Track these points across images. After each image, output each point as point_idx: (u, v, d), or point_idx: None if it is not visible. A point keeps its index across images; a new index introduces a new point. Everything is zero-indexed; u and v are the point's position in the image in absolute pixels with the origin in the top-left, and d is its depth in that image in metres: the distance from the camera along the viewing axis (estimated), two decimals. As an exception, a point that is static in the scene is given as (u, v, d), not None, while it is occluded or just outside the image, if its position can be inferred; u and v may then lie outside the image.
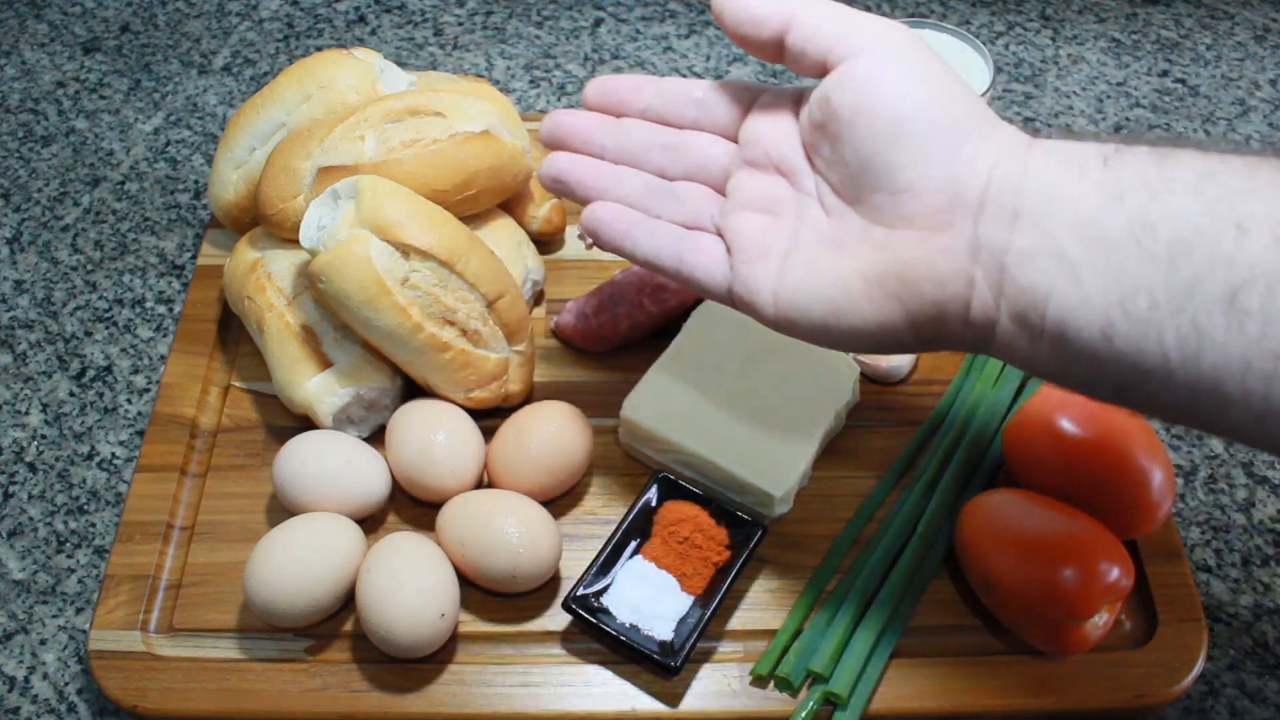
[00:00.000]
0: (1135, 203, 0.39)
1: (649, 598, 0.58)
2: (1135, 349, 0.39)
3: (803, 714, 0.55)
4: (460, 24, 0.99)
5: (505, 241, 0.70)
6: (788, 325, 0.47)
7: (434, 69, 0.95)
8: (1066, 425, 0.59)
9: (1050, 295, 0.40)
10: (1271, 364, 0.36)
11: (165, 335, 0.75)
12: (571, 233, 0.78)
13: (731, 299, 0.49)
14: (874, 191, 0.44)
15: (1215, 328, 0.37)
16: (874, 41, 0.44)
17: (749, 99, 0.50)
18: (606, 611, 0.57)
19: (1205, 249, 0.37)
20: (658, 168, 0.51)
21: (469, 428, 0.63)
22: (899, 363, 0.68)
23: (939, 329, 0.44)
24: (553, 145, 0.53)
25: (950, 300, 0.42)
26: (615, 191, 0.52)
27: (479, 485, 0.63)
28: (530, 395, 0.68)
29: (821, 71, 0.45)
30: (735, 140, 0.50)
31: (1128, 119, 0.91)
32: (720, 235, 0.49)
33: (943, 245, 0.42)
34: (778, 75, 0.94)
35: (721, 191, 0.50)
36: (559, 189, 0.53)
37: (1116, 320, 0.39)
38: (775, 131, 0.48)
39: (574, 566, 0.60)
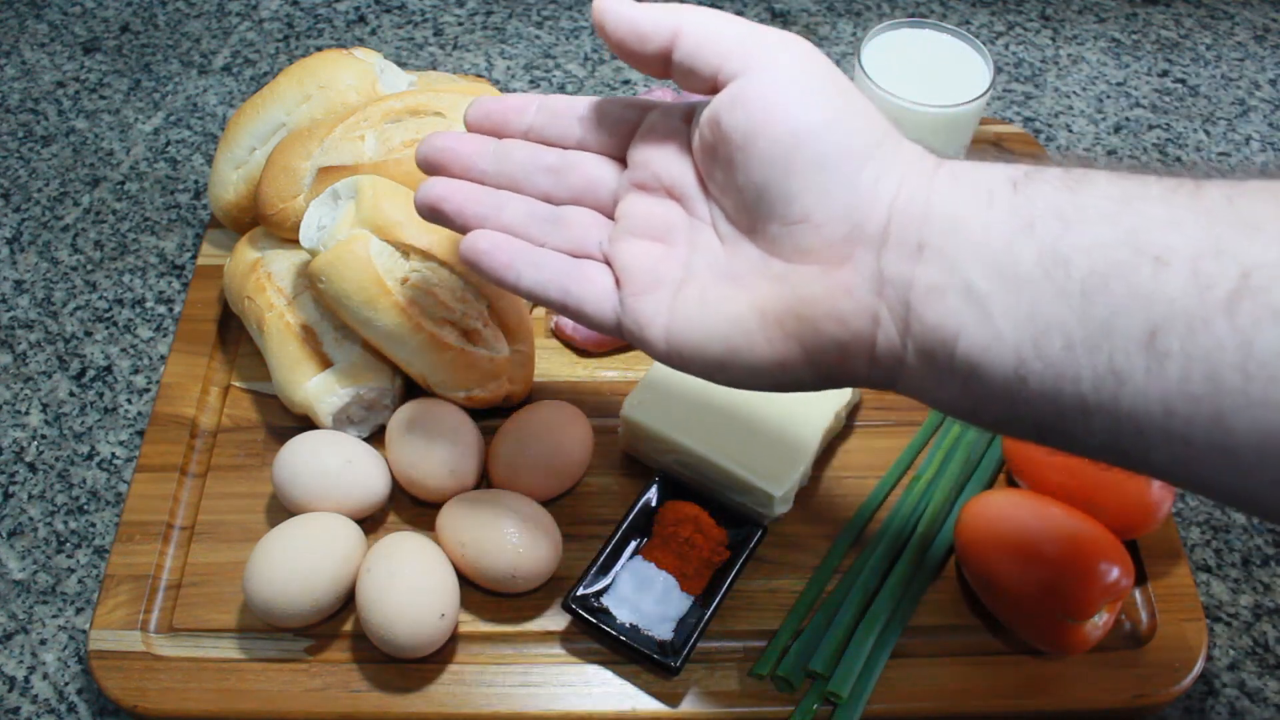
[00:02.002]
0: (1046, 233, 0.35)
1: (649, 598, 0.58)
2: (1051, 390, 0.36)
3: (803, 714, 0.55)
4: (460, 24, 0.99)
5: (505, 241, 0.70)
6: (680, 363, 0.43)
7: (434, 69, 0.95)
8: (1066, 425, 0.59)
9: (959, 334, 0.37)
10: (1192, 407, 0.33)
11: (165, 335, 0.75)
12: (571, 233, 0.78)
13: (621, 332, 0.45)
14: (769, 221, 0.41)
15: (1134, 369, 0.34)
16: (768, 57, 0.40)
17: (637, 116, 0.46)
18: (606, 611, 0.57)
19: (1122, 284, 0.34)
20: (543, 192, 0.48)
21: (469, 428, 0.63)
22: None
23: (842, 368, 0.41)
24: (430, 171, 0.49)
25: (853, 339, 0.39)
26: (496, 219, 0.47)
27: (479, 485, 0.63)
28: (530, 395, 0.68)
29: (713, 90, 0.42)
30: (624, 162, 0.47)
31: (1128, 119, 0.91)
32: (609, 264, 0.46)
33: (843, 281, 0.39)
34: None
35: (611, 216, 0.47)
36: (436, 218, 0.48)
37: (1029, 360, 0.36)
38: (665, 153, 0.45)
39: (574, 566, 0.60)
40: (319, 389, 0.63)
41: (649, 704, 0.56)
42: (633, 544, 0.60)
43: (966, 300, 0.37)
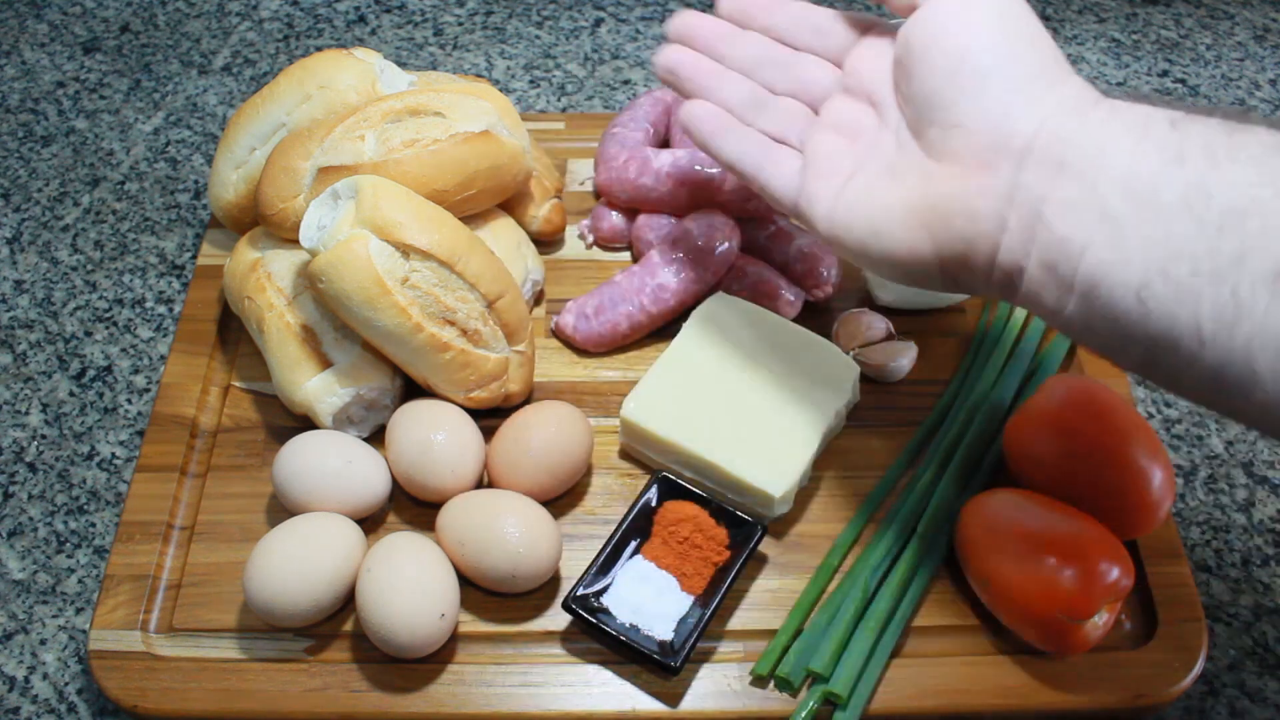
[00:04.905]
0: (1194, 168, 0.38)
1: (649, 598, 0.58)
2: (1168, 314, 0.38)
3: (803, 714, 0.55)
4: (460, 24, 0.99)
5: (505, 241, 0.70)
6: (833, 240, 0.50)
7: (434, 69, 0.95)
8: (1066, 425, 0.59)
9: (1086, 248, 0.40)
10: None
11: (165, 335, 0.75)
12: (571, 233, 0.78)
13: (796, 209, 0.52)
14: (931, 125, 0.46)
15: (1257, 301, 0.36)
16: None
17: (861, 32, 0.53)
18: (606, 611, 0.57)
19: (1259, 221, 0.36)
20: (766, 81, 0.55)
21: (469, 428, 0.63)
22: (899, 363, 0.68)
23: (965, 266, 0.45)
24: (677, 40, 0.58)
25: (978, 237, 0.43)
26: (718, 94, 0.56)
27: (479, 485, 0.63)
28: (530, 395, 0.68)
29: (909, 10, 0.48)
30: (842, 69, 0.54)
31: (1128, 119, 0.91)
32: (801, 153, 0.53)
33: (979, 184, 0.43)
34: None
35: (817, 112, 0.54)
36: (669, 79, 0.57)
37: (1154, 282, 0.38)
38: (874, 65, 0.51)
39: (574, 566, 0.60)
40: (319, 389, 0.63)
41: (649, 704, 0.56)
42: (633, 544, 0.60)
43: (1100, 218, 0.40)
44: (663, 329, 0.71)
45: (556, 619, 0.60)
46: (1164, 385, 0.42)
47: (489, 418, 0.65)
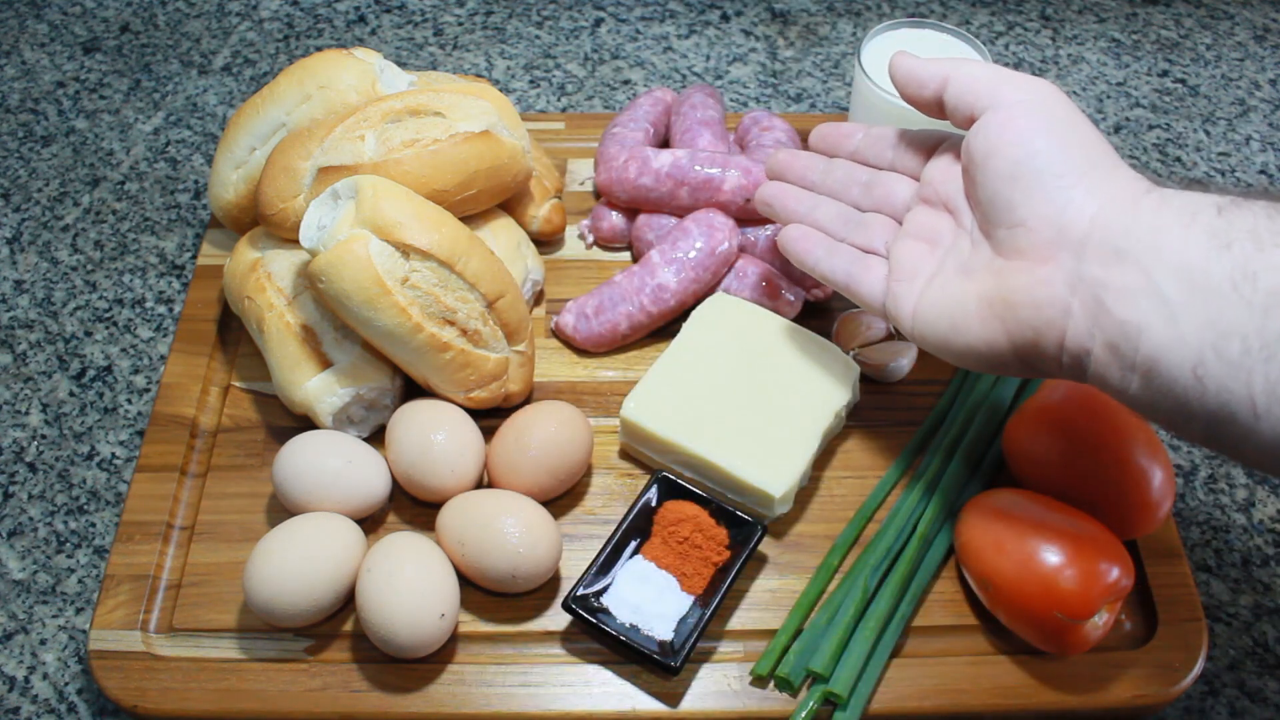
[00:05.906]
0: (1241, 252, 0.41)
1: (649, 598, 0.58)
2: (1224, 390, 0.41)
3: (803, 714, 0.55)
4: (460, 24, 0.99)
5: (505, 241, 0.70)
6: (919, 338, 0.54)
7: (434, 69, 0.95)
8: (1066, 425, 0.59)
9: (1144, 330, 0.43)
10: None
11: (165, 335, 0.75)
12: (571, 233, 0.78)
13: (884, 311, 0.56)
14: (998, 226, 0.50)
15: None
16: (1010, 96, 0.50)
17: (934, 145, 0.57)
18: (606, 611, 0.57)
19: None
20: (854, 200, 0.60)
21: (469, 428, 0.63)
22: (899, 363, 0.68)
23: (1037, 353, 0.48)
24: (773, 176, 0.64)
25: (1046, 325, 0.47)
26: (811, 217, 0.61)
27: (479, 485, 0.63)
28: (530, 395, 0.68)
29: (970, 124, 0.52)
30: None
31: (1128, 119, 0.91)
32: (887, 259, 0.57)
33: (1043, 275, 0.47)
34: (778, 75, 0.94)
35: (901, 222, 0.58)
36: (767, 211, 0.64)
37: (1208, 360, 0.41)
38: (946, 174, 0.55)
39: (574, 566, 0.60)
40: (319, 389, 0.63)
41: (649, 704, 0.56)
42: (633, 544, 0.60)
43: (1156, 302, 0.42)
44: (663, 329, 0.71)
45: (556, 619, 0.60)
46: (1229, 456, 0.44)
47: (489, 418, 0.65)
